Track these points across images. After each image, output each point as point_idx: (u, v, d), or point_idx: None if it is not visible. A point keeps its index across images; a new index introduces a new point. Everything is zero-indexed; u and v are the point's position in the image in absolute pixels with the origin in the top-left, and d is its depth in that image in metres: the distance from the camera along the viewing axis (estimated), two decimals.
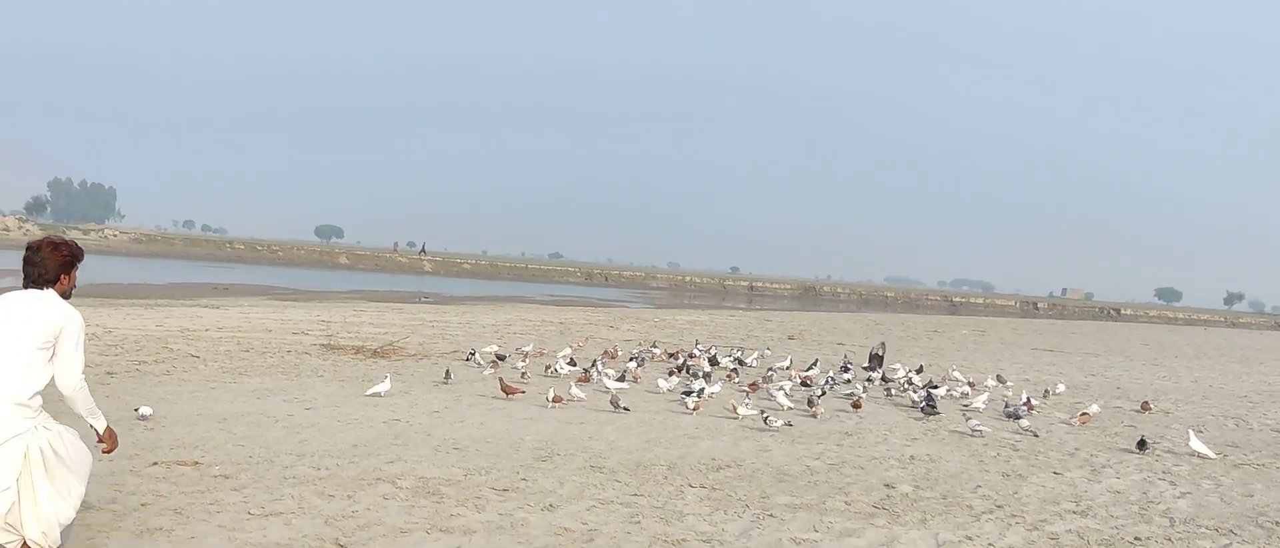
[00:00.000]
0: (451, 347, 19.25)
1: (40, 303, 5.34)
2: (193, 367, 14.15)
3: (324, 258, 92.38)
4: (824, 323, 39.82)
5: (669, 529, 7.11)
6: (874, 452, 10.79)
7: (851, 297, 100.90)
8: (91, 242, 79.27)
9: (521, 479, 8.40)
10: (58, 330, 5.28)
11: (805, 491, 8.70)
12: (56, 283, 5.47)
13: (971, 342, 33.54)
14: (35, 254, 5.45)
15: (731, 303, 67.45)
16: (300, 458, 8.67)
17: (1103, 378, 21.92)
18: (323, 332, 20.75)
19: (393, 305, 33.94)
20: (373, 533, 6.56)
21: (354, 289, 47.71)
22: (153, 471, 7.88)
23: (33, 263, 5.44)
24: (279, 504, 7.10)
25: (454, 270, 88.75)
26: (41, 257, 5.44)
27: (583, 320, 31.18)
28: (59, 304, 5.39)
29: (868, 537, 7.25)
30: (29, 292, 5.42)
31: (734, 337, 27.24)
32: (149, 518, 6.56)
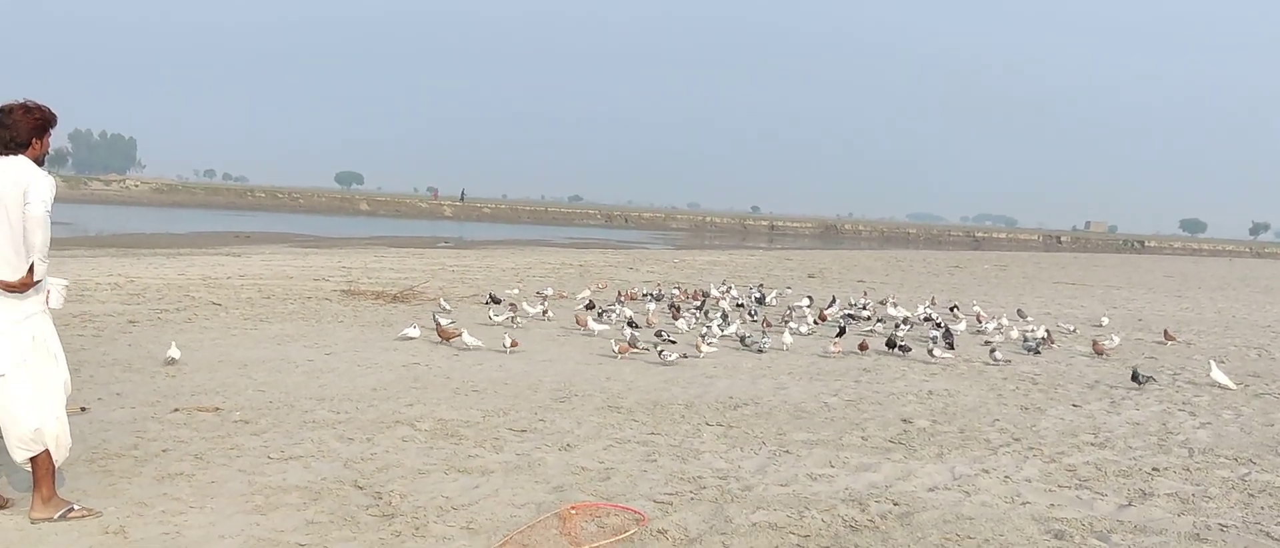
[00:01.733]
0: (471, 290, 19.31)
1: (11, 169, 5.35)
2: (214, 314, 14.24)
3: (345, 205, 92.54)
4: (845, 261, 39.73)
5: (685, 467, 7.15)
6: (892, 388, 10.79)
7: (873, 234, 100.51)
8: (113, 192, 79.72)
9: (539, 420, 8.46)
10: (26, 186, 5.29)
11: (822, 427, 8.72)
12: (28, 147, 5.46)
13: (993, 277, 33.41)
14: (7, 117, 5.43)
15: (752, 242, 67.35)
16: (320, 402, 8.75)
17: (1124, 310, 21.82)
18: (343, 278, 20.84)
19: (413, 251, 34.04)
20: (391, 475, 6.62)
21: (374, 235, 47.83)
22: (174, 417, 7.96)
23: (5, 125, 5.42)
24: (298, 448, 7.18)
25: (474, 215, 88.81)
26: (14, 119, 5.43)
27: (602, 263, 31.21)
28: (31, 169, 5.39)
29: (884, 471, 7.27)
30: (2, 160, 5.41)
31: (754, 276, 27.23)
32: (170, 463, 6.64)
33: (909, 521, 6.11)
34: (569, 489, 6.49)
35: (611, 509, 6.08)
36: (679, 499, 6.36)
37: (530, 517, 5.89)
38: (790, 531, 5.84)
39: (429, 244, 40.82)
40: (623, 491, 6.52)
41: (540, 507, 6.09)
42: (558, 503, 6.13)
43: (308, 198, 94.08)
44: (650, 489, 6.56)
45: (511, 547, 5.37)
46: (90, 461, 6.56)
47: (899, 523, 6.07)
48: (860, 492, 6.70)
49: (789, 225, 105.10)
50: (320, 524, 5.61)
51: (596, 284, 21.32)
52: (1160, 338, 16.00)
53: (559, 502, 6.17)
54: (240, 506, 5.86)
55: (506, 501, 6.19)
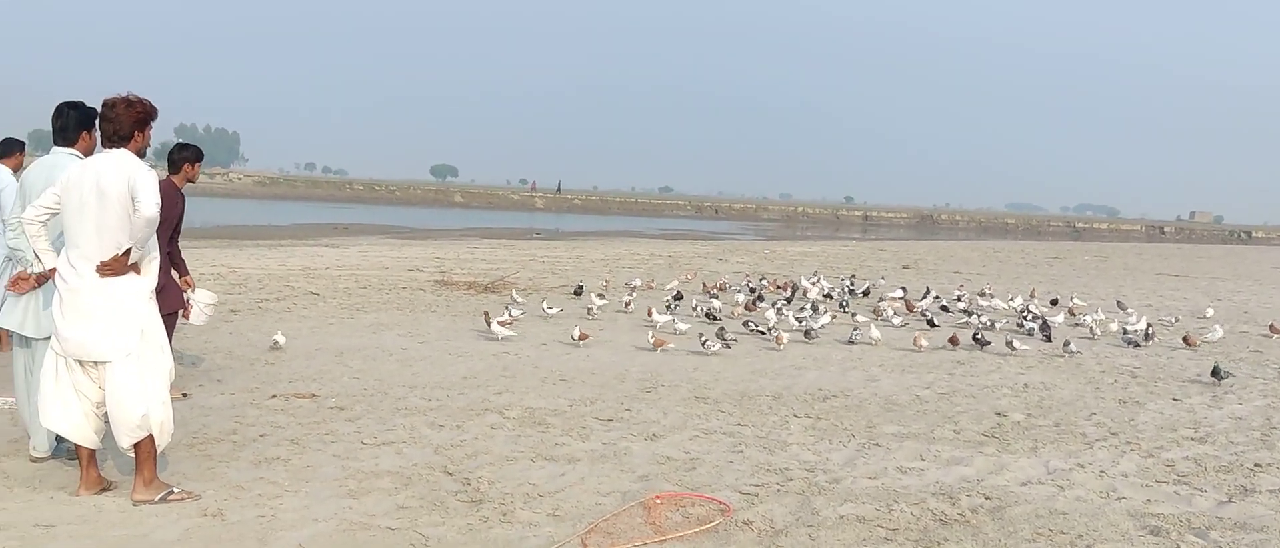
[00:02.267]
0: (560, 281, 19.45)
1: (115, 162, 5.50)
2: (312, 304, 14.57)
3: (439, 197, 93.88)
4: (941, 252, 39.12)
5: (772, 458, 7.12)
6: (986, 380, 10.61)
7: (970, 225, 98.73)
8: (217, 185, 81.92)
9: (626, 410, 8.49)
10: (132, 183, 5.43)
11: (913, 420, 8.61)
12: (131, 140, 5.61)
13: (1093, 268, 32.61)
14: (110, 110, 5.58)
15: (845, 233, 66.70)
16: (412, 390, 8.89)
17: (1229, 302, 21.13)
18: (436, 268, 21.14)
19: (505, 242, 34.40)
20: (480, 462, 6.71)
21: (467, 226, 48.44)
22: (272, 403, 8.16)
23: (108, 119, 5.57)
24: (391, 434, 7.31)
25: (564, 206, 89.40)
26: (116, 113, 5.58)
27: (692, 253, 31.18)
28: (133, 162, 5.54)
29: (976, 465, 7.15)
30: (105, 154, 5.58)
31: (846, 267, 26.96)
32: (267, 448, 6.81)
33: (1001, 515, 6.00)
34: (654, 479, 6.51)
35: (697, 499, 6.07)
36: (765, 491, 6.34)
37: (615, 505, 5.92)
38: (878, 523, 5.78)
39: (520, 236, 41.21)
40: (708, 481, 6.51)
41: (625, 496, 6.11)
42: (643, 492, 6.15)
43: (403, 190, 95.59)
44: (736, 480, 6.54)
45: (596, 535, 5.40)
46: (190, 445, 6.76)
47: (990, 517, 5.96)
48: (951, 486, 6.59)
49: (883, 216, 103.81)
50: (411, 509, 5.70)
51: (685, 275, 21.31)
52: (1266, 331, 15.45)
53: (644, 491, 6.18)
54: (334, 490, 5.98)
55: (592, 489, 6.23)
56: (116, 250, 5.46)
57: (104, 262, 5.46)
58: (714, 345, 11.48)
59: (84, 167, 5.58)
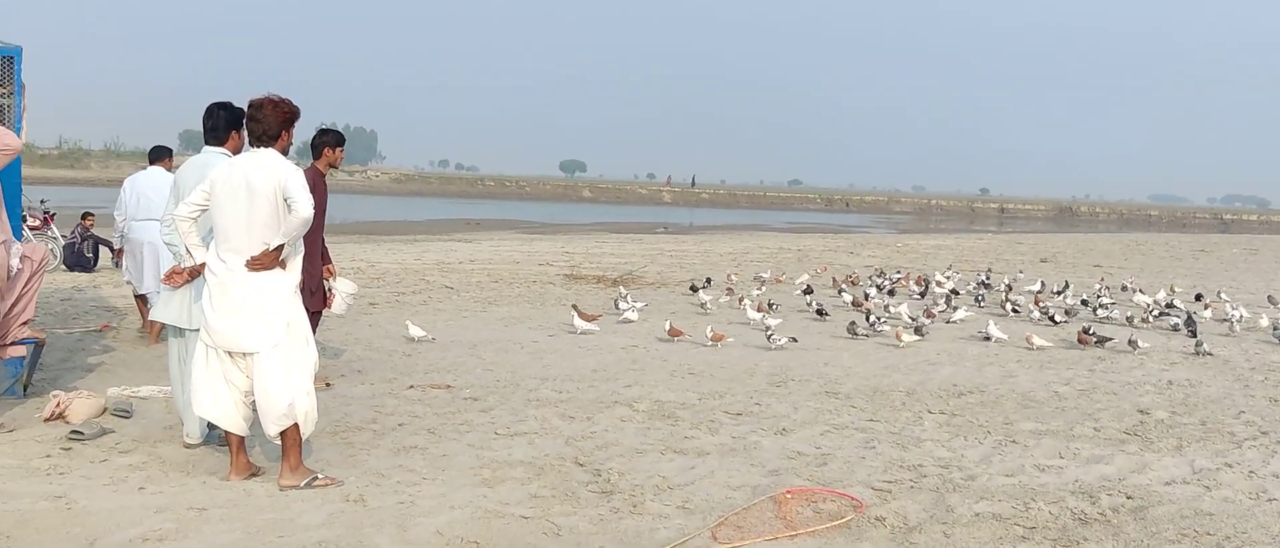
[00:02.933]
0: (688, 275, 19.48)
1: (263, 161, 5.69)
2: (447, 297, 14.91)
3: (568, 192, 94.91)
4: (1080, 245, 37.96)
5: (905, 455, 7.01)
6: (1128, 377, 10.26)
7: (1111, 217, 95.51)
8: (356, 183, 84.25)
9: (755, 404, 8.47)
10: (283, 183, 5.62)
11: (1052, 416, 8.39)
12: (277, 139, 5.80)
13: (1241, 261, 31.22)
14: (257, 111, 5.78)
15: (980, 226, 65.20)
16: (543, 382, 9.03)
17: None
18: (566, 263, 21.41)
19: (633, 236, 34.63)
20: (610, 453, 6.78)
21: (596, 221, 48.89)
22: (409, 393, 8.39)
23: (255, 120, 5.78)
24: (523, 425, 7.44)
25: (692, 200, 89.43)
26: (263, 113, 5.78)
27: (821, 247, 30.91)
28: (280, 161, 5.73)
29: (1117, 463, 6.93)
30: (252, 153, 5.79)
31: (982, 261, 26.38)
32: (405, 437, 7.01)
33: (1143, 515, 5.81)
34: (784, 473, 6.48)
35: (828, 495, 6.03)
36: (898, 487, 6.25)
37: (745, 499, 5.91)
38: (1015, 522, 5.65)
39: (648, 230, 41.40)
40: (840, 477, 6.45)
41: (755, 490, 6.10)
42: (773, 487, 6.13)
43: (533, 186, 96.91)
44: (868, 476, 6.47)
45: (726, 528, 5.41)
46: (333, 433, 6.99)
47: (1132, 517, 5.78)
48: (1091, 484, 6.40)
49: (1020, 208, 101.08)
50: (543, 498, 5.80)
51: (815, 269, 21.13)
52: None
53: (774, 486, 6.16)
54: (469, 478, 6.12)
55: (722, 482, 6.24)
56: (264, 246, 5.68)
57: (254, 257, 5.69)
58: (780, 339, 11.25)
59: (232, 165, 5.82)
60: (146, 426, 7.04)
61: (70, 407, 6.94)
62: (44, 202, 19.11)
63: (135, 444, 6.58)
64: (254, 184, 5.63)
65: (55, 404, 6.97)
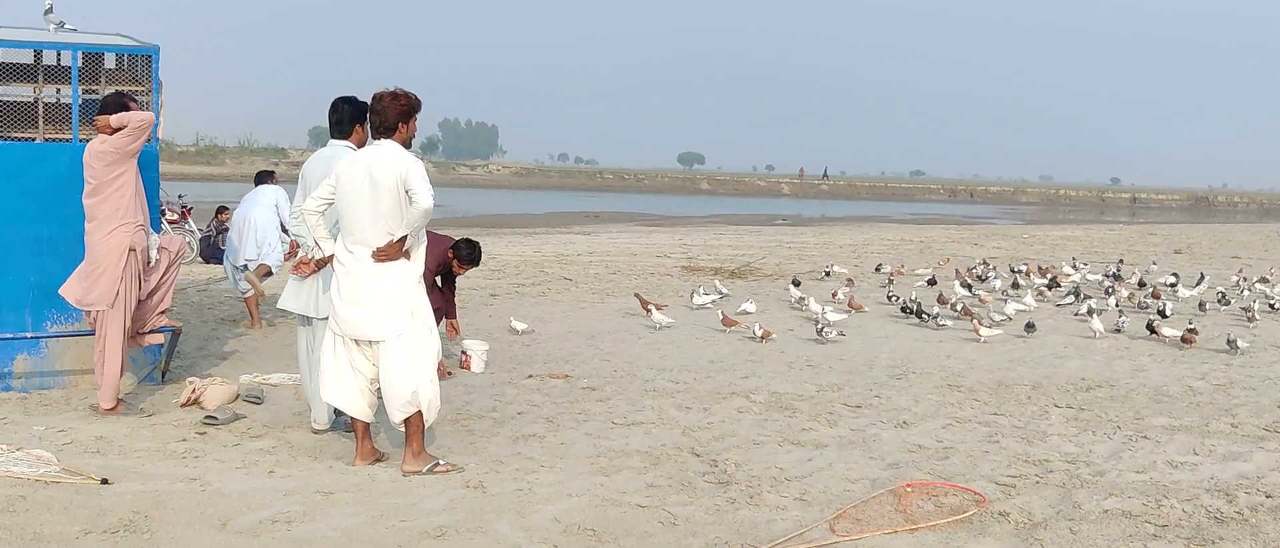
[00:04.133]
0: (807, 267, 19.30)
1: (385, 154, 5.82)
2: (566, 288, 15.05)
3: (686, 184, 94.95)
4: (1217, 235, 36.49)
5: (1030, 449, 6.84)
6: (1269, 372, 9.83)
7: (1251, 206, 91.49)
8: (478, 177, 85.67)
9: (875, 396, 8.35)
10: (404, 175, 5.73)
11: (1186, 412, 8.08)
12: (396, 131, 5.91)
13: None
14: (377, 104, 5.91)
15: (1111, 216, 63.18)
16: (660, 373, 9.05)
17: None
18: (684, 254, 21.41)
19: (750, 228, 34.47)
20: (727, 444, 6.76)
21: (714, 213, 48.81)
22: (529, 383, 8.49)
23: (376, 111, 5.91)
24: (640, 415, 7.47)
25: (811, 192, 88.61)
26: (383, 105, 5.90)
27: (944, 238, 30.31)
28: (401, 153, 5.84)
29: (1256, 461, 6.65)
30: (375, 146, 5.93)
31: (1112, 253, 25.54)
32: (525, 425, 7.10)
33: None
34: (904, 467, 6.38)
35: (949, 489, 5.91)
36: (1022, 482, 6.10)
37: (864, 492, 5.83)
38: (1146, 519, 5.46)
39: (766, 222, 41.18)
40: (962, 471, 6.32)
41: (874, 483, 6.02)
42: (892, 480, 6.04)
43: (651, 178, 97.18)
44: (991, 471, 6.33)
45: (845, 521, 5.34)
46: (454, 421, 7.12)
47: (1271, 517, 5.53)
48: (1227, 482, 6.15)
49: (1153, 198, 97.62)
50: (660, 488, 5.81)
51: (939, 261, 20.74)
52: None
53: (894, 479, 6.07)
54: (587, 467, 6.17)
55: (840, 475, 6.17)
56: (389, 237, 5.81)
57: (379, 247, 5.82)
58: (831, 332, 10.91)
59: (356, 158, 5.96)
60: (277, 411, 7.27)
61: (205, 393, 7.21)
62: (182, 197, 19.88)
63: (266, 430, 6.80)
64: (377, 177, 5.76)
65: (191, 390, 7.25)
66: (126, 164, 6.83)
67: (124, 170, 6.82)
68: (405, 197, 5.76)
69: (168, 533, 4.92)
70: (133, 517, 5.08)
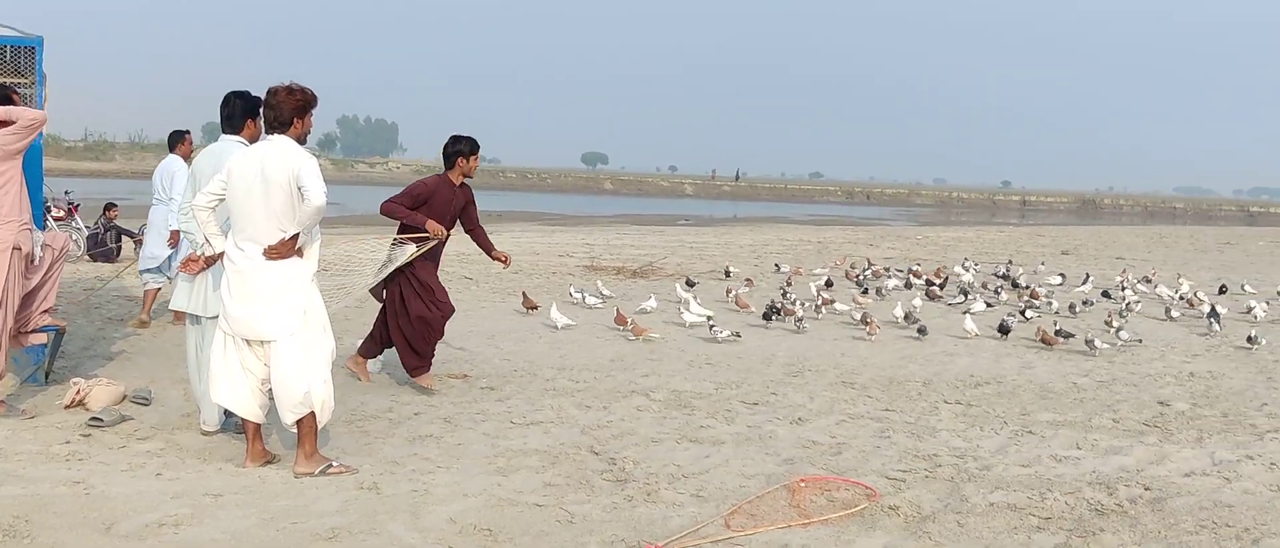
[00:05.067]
0: (708, 267, 19.46)
1: (278, 150, 5.72)
2: (466, 288, 14.93)
3: (590, 184, 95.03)
4: (1103, 237, 37.67)
5: (920, 444, 7.00)
6: (1149, 369, 10.20)
7: (1135, 209, 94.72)
8: (377, 174, 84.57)
9: (772, 393, 8.46)
10: (297, 172, 5.65)
11: (1070, 408, 8.35)
12: (290, 126, 5.81)
13: (1268, 254, 30.95)
14: (272, 98, 5.81)
15: (1002, 218, 64.83)
16: (560, 372, 9.04)
17: None
18: (586, 254, 21.40)
19: (654, 228, 34.60)
20: (626, 442, 6.79)
21: (618, 213, 48.88)
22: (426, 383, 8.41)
23: (270, 106, 5.81)
24: (539, 414, 7.46)
25: (713, 192, 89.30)
26: (277, 100, 5.80)
27: (842, 239, 30.79)
28: (294, 149, 5.75)
29: (1136, 455, 6.89)
30: (268, 141, 5.83)
31: (1002, 253, 26.22)
32: (421, 426, 7.04)
33: (1161, 506, 5.77)
34: (799, 462, 6.48)
35: (842, 484, 6.02)
36: (912, 476, 6.24)
37: (759, 487, 5.91)
38: (1030, 512, 5.63)
39: (669, 222, 41.38)
40: (854, 466, 6.45)
41: (769, 478, 6.10)
42: (787, 475, 6.13)
43: (555, 178, 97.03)
44: (883, 465, 6.46)
45: (740, 516, 5.41)
46: (349, 422, 7.02)
47: (1150, 509, 5.74)
48: (1109, 475, 6.37)
49: (1042, 200, 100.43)
50: (557, 487, 5.81)
51: (835, 261, 21.07)
52: None
53: (788, 474, 6.16)
54: (484, 467, 6.14)
55: (736, 471, 6.24)
56: (282, 234, 5.71)
57: (271, 245, 5.72)
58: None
59: (248, 153, 5.85)
60: (165, 413, 7.10)
61: (90, 394, 7.00)
62: (68, 193, 19.23)
63: (153, 431, 6.63)
64: (269, 173, 5.66)
65: (75, 391, 7.03)
66: (11, 162, 6.60)
67: (8, 168, 6.59)
68: (298, 193, 5.67)
69: (50, 538, 4.78)
70: (13, 522, 4.91)
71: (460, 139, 8.17)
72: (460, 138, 8.17)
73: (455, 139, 8.16)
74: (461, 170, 8.15)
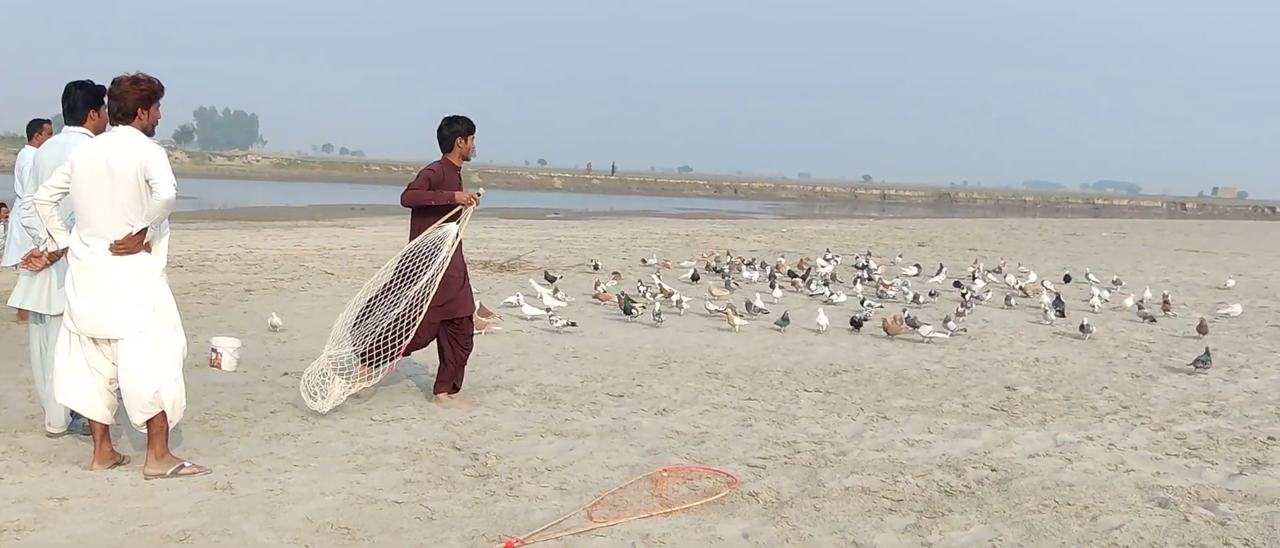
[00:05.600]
0: (577, 260, 19.48)
1: (123, 141, 5.53)
2: (327, 283, 14.65)
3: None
4: (957, 229, 38.98)
5: (780, 432, 7.14)
6: (997, 355, 10.59)
7: (988, 202, 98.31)
8: (236, 167, 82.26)
9: (637, 385, 8.52)
10: (144, 163, 5.47)
11: (923, 393, 8.62)
12: (136, 117, 5.62)
13: (1111, 244, 32.44)
14: (116, 88, 5.61)
15: (862, 212, 66.47)
16: (424, 367, 8.94)
17: (1250, 278, 20.96)
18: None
19: (521, 221, 34.45)
20: (489, 437, 6.75)
21: (485, 207, 48.31)
22: (284, 380, 8.23)
23: (114, 96, 5.60)
24: (400, 411, 7.36)
25: (583, 186, 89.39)
26: (121, 89, 5.59)
27: (709, 232, 31.18)
28: (141, 140, 5.57)
29: (984, 437, 7.16)
30: (112, 132, 5.62)
31: (862, 245, 26.89)
32: (278, 424, 6.88)
33: (1006, 486, 6.01)
34: (663, 453, 6.54)
35: (703, 472, 6.10)
36: (772, 463, 6.36)
37: (623, 478, 5.95)
38: (883, 495, 5.79)
39: (538, 215, 41.24)
40: (716, 454, 6.54)
41: (633, 469, 6.14)
42: (650, 466, 6.18)
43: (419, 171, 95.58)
44: (744, 453, 6.57)
45: (602, 507, 5.43)
46: (202, 421, 6.82)
47: (996, 489, 5.97)
48: (957, 458, 6.60)
49: (901, 194, 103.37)
50: (418, 483, 5.75)
51: (702, 253, 21.31)
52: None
53: (652, 465, 6.21)
54: (342, 465, 6.04)
55: (600, 463, 6.27)
56: (129, 229, 5.51)
57: (118, 240, 5.52)
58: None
59: (92, 145, 5.63)
60: (8, 414, 6.79)
61: None
62: None
63: None
64: (115, 165, 5.46)
65: None
66: None
67: None
68: (145, 186, 5.48)
69: None
70: None
71: (457, 120, 7.68)
72: (457, 118, 7.68)
73: (452, 120, 7.66)
74: (460, 152, 7.68)
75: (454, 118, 7.69)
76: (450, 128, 7.64)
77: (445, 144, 7.67)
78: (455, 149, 7.67)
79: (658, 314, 11.91)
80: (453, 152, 7.67)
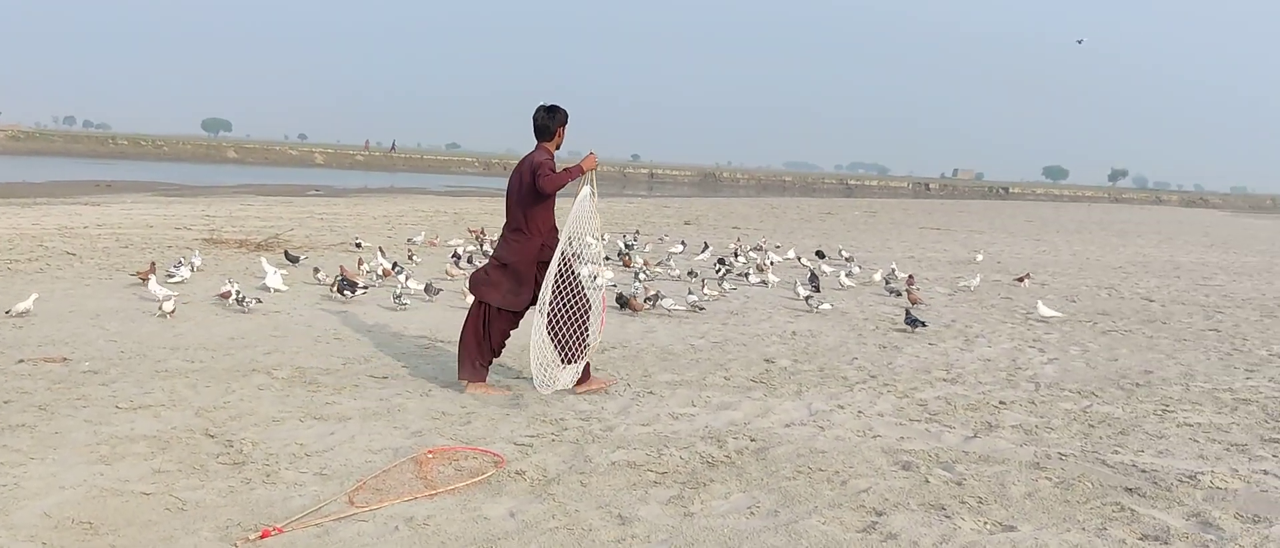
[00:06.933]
0: (339, 239, 18.96)
1: None
2: (68, 264, 13.72)
3: (211, 152, 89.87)
4: (721, 208, 40.07)
5: (548, 410, 7.17)
6: (757, 330, 10.97)
7: (750, 182, 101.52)
8: None
9: (402, 367, 8.37)
10: None
11: (687, 368, 8.83)
12: None
13: (862, 222, 34.13)
14: None
15: (632, 190, 67.39)
16: (174, 352, 8.51)
17: (984, 253, 22.50)
18: (206, 227, 20.25)
19: (281, 199, 33.23)
20: (245, 423, 6.49)
21: (243, 183, 46.49)
22: (18, 368, 7.66)
23: None
24: (148, 397, 6.98)
25: (347, 163, 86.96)
26: None
27: (478, 210, 30.92)
28: None
29: (744, 409, 7.40)
30: None
31: (631, 223, 27.29)
32: (11, 415, 6.40)
33: (764, 455, 6.24)
34: (428, 434, 6.46)
35: (470, 452, 6.06)
36: (539, 441, 6.38)
37: (386, 462, 5.84)
38: (648, 468, 5.91)
39: (299, 192, 39.86)
40: (483, 434, 6.51)
41: (397, 452, 6.04)
42: (415, 448, 6.10)
43: (172, 146, 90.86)
44: (511, 432, 6.57)
45: (365, 492, 5.32)
46: None
47: (754, 458, 6.19)
48: (719, 430, 6.81)
49: (668, 173, 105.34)
50: (167, 473, 5.47)
51: (469, 231, 21.12)
52: (1015, 280, 16.57)
53: (417, 447, 6.13)
54: (84, 456, 5.68)
55: (362, 447, 6.13)
56: None
57: None
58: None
59: None
60: None
61: None
62: None
63: None
64: None
65: None
66: None
67: None
68: None
69: None
70: None
71: (556, 110, 7.78)
72: (556, 108, 7.78)
73: (551, 110, 7.75)
74: (558, 140, 7.82)
75: (554, 108, 7.82)
76: (552, 118, 7.75)
77: (546, 134, 7.75)
78: (555, 138, 7.81)
79: (397, 296, 11.59)
80: (551, 140, 7.79)
